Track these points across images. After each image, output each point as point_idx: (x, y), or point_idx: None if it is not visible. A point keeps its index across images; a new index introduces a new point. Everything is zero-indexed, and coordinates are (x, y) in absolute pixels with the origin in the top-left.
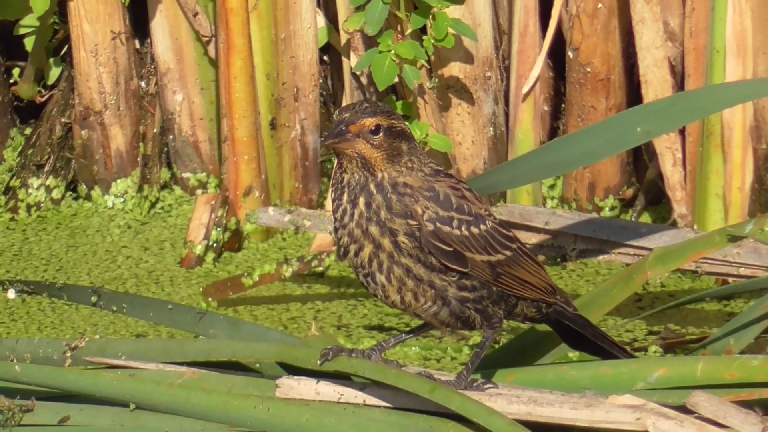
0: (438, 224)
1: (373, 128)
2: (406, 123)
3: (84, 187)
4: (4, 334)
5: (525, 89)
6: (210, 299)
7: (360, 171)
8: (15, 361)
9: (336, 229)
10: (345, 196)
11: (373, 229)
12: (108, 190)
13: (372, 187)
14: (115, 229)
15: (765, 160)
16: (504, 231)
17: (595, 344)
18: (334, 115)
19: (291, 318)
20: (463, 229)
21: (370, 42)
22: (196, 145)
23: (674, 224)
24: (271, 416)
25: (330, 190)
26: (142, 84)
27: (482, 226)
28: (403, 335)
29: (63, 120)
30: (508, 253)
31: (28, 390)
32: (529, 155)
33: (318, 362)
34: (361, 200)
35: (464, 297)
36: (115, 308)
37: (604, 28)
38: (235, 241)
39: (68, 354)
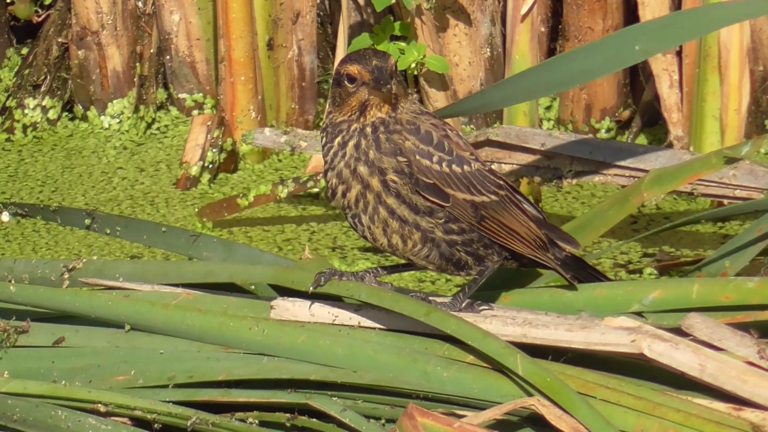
0: (417, 156)
1: (395, 67)
2: None
3: (80, 107)
4: None
5: (523, 10)
6: (205, 220)
7: (387, 113)
8: (13, 281)
9: (326, 172)
10: (338, 139)
11: (362, 169)
12: (104, 110)
13: (368, 129)
14: (111, 150)
15: (762, 81)
16: (493, 177)
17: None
18: (353, 69)
19: (286, 239)
20: (443, 165)
21: None
22: (193, 66)
23: (670, 146)
24: (266, 338)
25: (321, 135)
26: (139, 4)
27: (465, 167)
28: (400, 267)
29: (60, 40)
30: (493, 197)
31: (24, 311)
32: (525, 73)
33: (310, 288)
34: (351, 142)
35: (453, 240)
36: (108, 231)
37: None
38: (231, 162)
39: (66, 275)
